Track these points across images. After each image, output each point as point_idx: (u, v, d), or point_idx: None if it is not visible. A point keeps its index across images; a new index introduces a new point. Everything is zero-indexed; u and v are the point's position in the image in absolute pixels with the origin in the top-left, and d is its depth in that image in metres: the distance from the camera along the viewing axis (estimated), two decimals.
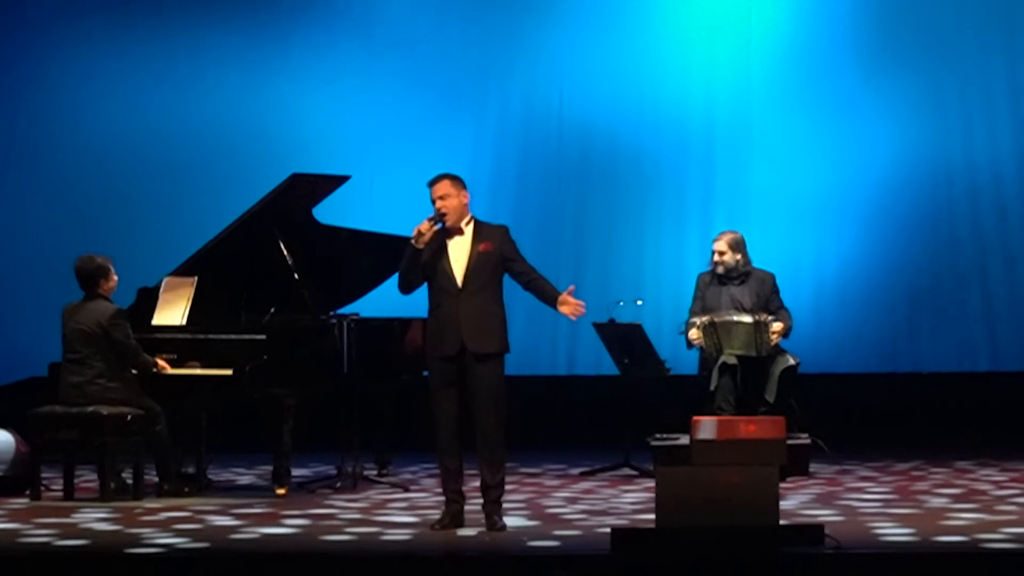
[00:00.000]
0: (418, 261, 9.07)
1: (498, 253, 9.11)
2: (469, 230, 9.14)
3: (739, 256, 11.90)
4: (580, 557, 8.21)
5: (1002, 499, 10.23)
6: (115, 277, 10.65)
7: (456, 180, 9.13)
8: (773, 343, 11.67)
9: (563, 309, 9.14)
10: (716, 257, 11.94)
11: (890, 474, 11.76)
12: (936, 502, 10.13)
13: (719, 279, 11.94)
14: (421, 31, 14.75)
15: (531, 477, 11.83)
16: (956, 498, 10.35)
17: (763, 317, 11.66)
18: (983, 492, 10.60)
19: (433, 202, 9.09)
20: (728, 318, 11.68)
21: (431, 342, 9.13)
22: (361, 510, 10.05)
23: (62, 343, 10.61)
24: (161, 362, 10.61)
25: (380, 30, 14.78)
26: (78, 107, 14.94)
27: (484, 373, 9.01)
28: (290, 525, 9.39)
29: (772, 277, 11.96)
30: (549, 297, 9.18)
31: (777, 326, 11.68)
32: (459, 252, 9.10)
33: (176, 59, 14.86)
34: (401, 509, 10.09)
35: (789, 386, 11.67)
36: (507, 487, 9.42)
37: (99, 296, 10.56)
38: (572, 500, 10.51)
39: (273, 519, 9.62)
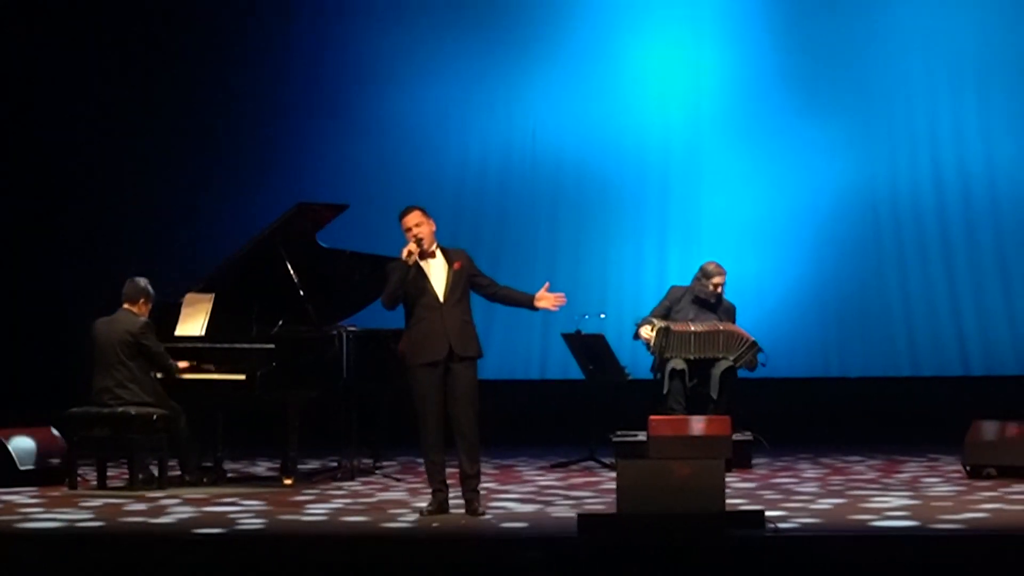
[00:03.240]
0: (406, 278, 9.06)
1: (467, 271, 9.16)
2: (439, 253, 9.16)
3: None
4: (550, 539, 8.28)
5: (921, 488, 10.32)
6: (151, 304, 10.74)
7: (424, 210, 9.12)
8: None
9: (542, 304, 9.12)
10: (711, 288, 11.84)
11: (820, 465, 11.85)
12: (860, 490, 10.20)
13: (700, 302, 11.89)
14: (413, 80, 14.78)
15: (507, 469, 11.90)
16: (875, 483, 10.46)
17: (756, 344, 11.70)
18: (904, 482, 10.69)
19: (407, 230, 9.04)
20: (690, 328, 11.69)
21: (416, 351, 9.06)
22: (358, 498, 10.09)
23: (93, 351, 10.64)
24: (181, 364, 10.69)
25: (373, 81, 14.81)
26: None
27: (465, 375, 9.01)
28: (297, 511, 9.45)
29: (734, 308, 12.04)
30: (521, 300, 9.20)
31: (761, 358, 11.77)
32: (437, 271, 9.10)
33: (196, 99, 14.91)
34: (394, 497, 10.15)
35: (731, 385, 11.74)
36: (484, 478, 9.46)
37: (129, 312, 10.67)
38: (543, 489, 10.55)
39: (281, 505, 9.69)
